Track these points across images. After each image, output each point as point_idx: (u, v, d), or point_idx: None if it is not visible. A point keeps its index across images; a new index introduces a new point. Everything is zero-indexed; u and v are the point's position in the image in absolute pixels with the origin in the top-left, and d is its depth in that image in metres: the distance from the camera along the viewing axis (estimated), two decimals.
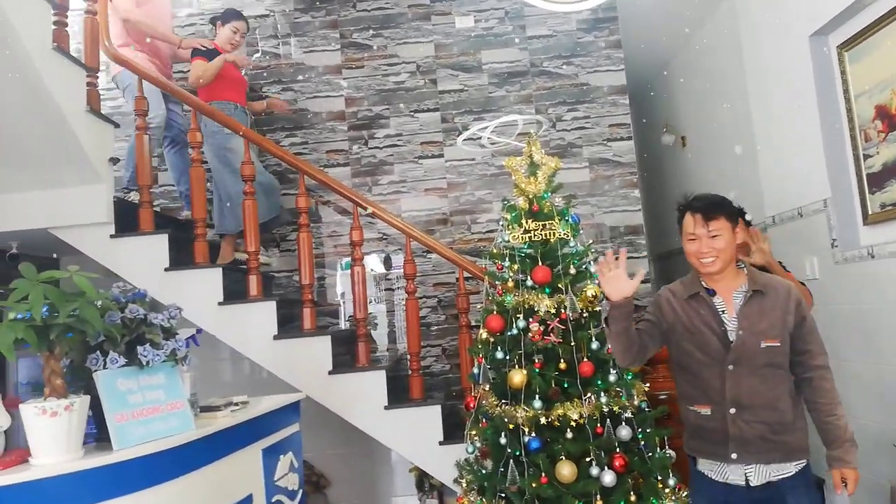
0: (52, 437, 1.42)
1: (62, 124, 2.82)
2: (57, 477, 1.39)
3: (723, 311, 2.08)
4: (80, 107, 2.97)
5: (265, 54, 4.32)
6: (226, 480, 1.87)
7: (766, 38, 3.89)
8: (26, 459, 1.45)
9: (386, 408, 3.08)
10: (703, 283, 2.15)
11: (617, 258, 2.10)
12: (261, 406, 2.16)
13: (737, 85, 4.29)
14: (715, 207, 2.10)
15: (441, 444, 3.07)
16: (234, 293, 3.23)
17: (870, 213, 3.16)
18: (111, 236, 3.14)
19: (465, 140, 4.28)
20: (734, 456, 1.98)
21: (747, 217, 2.82)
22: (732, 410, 2.00)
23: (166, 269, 3.13)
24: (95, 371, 1.54)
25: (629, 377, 2.52)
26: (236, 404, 2.05)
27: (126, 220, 3.20)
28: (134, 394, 1.61)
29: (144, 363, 1.60)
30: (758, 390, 1.99)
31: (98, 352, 1.56)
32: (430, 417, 3.09)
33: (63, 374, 1.49)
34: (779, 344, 2.00)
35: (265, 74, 4.30)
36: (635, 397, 2.48)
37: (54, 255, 3.55)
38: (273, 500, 2.10)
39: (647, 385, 2.61)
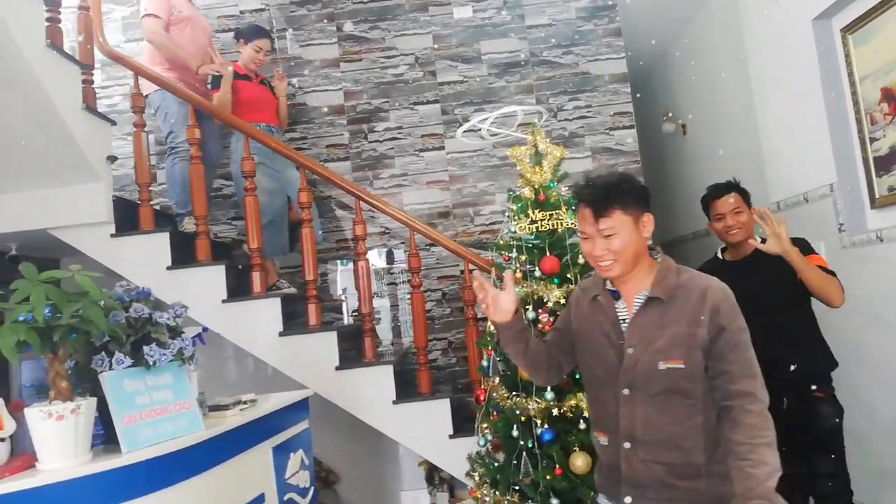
0: (59, 441, 1.38)
1: (58, 122, 2.78)
2: (65, 482, 1.36)
3: (623, 321, 1.66)
4: (76, 104, 2.92)
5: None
6: (237, 480, 1.84)
7: (767, 23, 3.84)
8: (33, 465, 1.41)
9: (394, 402, 3.05)
10: (607, 282, 1.73)
11: (499, 285, 1.64)
12: (269, 404, 2.13)
13: (738, 70, 4.25)
14: (608, 200, 1.60)
15: (451, 437, 3.04)
16: (238, 290, 3.20)
17: (877, 196, 3.13)
18: (111, 235, 3.09)
19: (464, 132, 4.24)
20: (627, 500, 1.60)
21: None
22: (627, 445, 1.60)
23: (168, 268, 3.09)
24: (101, 372, 1.51)
25: None
26: (245, 403, 2.02)
27: (126, 220, 3.16)
28: (141, 395, 1.57)
29: (151, 363, 1.56)
30: (655, 423, 1.57)
31: (103, 352, 1.52)
32: (439, 411, 3.06)
33: (68, 376, 1.45)
34: (682, 366, 1.55)
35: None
36: None
37: (56, 257, 3.52)
38: (285, 498, 2.07)
39: None
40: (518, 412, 2.35)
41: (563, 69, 4.27)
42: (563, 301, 2.41)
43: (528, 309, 2.41)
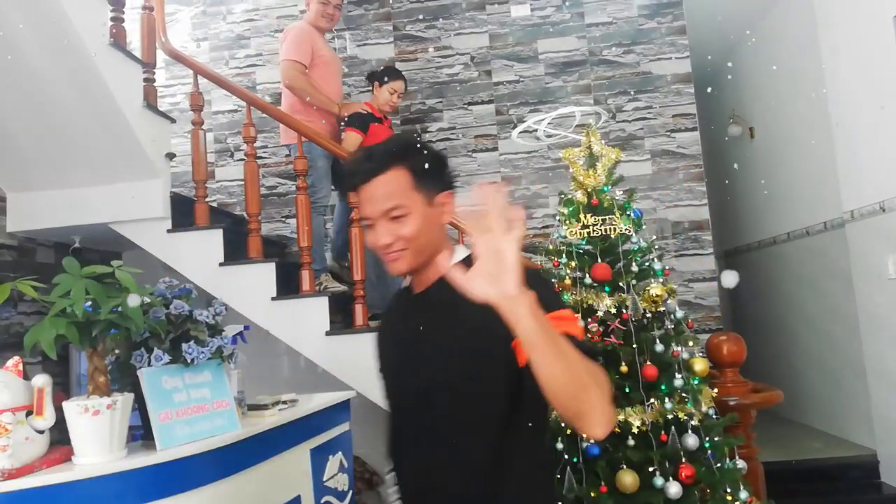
0: (95, 435, 1.39)
1: (119, 120, 2.85)
2: (98, 477, 1.36)
3: None
4: (137, 102, 2.99)
5: None
6: (273, 481, 1.82)
7: (845, 21, 3.62)
8: (70, 458, 1.42)
9: None
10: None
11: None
12: (310, 405, 2.11)
13: (812, 71, 4.03)
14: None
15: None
16: (289, 288, 3.21)
17: None
18: (168, 231, 3.16)
19: (520, 133, 4.16)
20: None
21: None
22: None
23: (221, 264, 3.13)
24: (140, 368, 1.51)
25: (696, 382, 2.36)
26: (285, 403, 2.00)
27: (184, 215, 3.22)
28: (179, 392, 1.57)
29: (189, 361, 1.56)
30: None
31: (143, 349, 1.53)
32: None
33: (107, 371, 1.46)
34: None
35: None
36: (702, 403, 2.32)
37: (118, 251, 3.63)
38: (322, 501, 2.04)
39: (716, 391, 2.44)
40: (563, 425, 2.27)
41: (624, 69, 4.14)
42: (613, 310, 2.32)
43: (576, 318, 2.32)
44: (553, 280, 2.48)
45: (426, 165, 1.26)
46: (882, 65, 3.25)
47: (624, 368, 2.28)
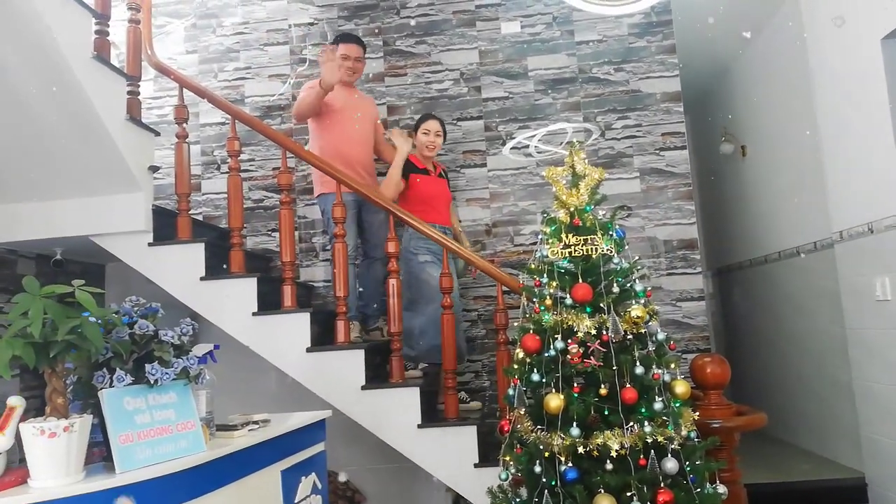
0: (51, 458, 1.36)
1: (101, 132, 2.84)
2: (53, 501, 1.33)
3: None
4: (120, 115, 2.98)
5: (311, 63, 4.29)
6: None
7: (833, 42, 3.63)
8: (26, 481, 1.39)
9: (419, 426, 2.96)
10: None
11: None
12: (283, 425, 2.08)
13: (802, 91, 4.03)
14: None
15: (476, 466, 2.93)
16: (270, 304, 3.18)
17: None
18: (149, 244, 3.13)
19: (511, 149, 4.16)
20: None
21: None
22: None
23: (202, 278, 3.11)
24: (101, 389, 1.48)
25: (677, 405, 2.32)
26: (256, 423, 1.97)
27: (167, 228, 3.20)
28: (142, 413, 1.54)
29: (153, 382, 1.53)
30: None
31: (105, 369, 1.50)
32: (465, 438, 2.95)
33: (66, 393, 1.43)
34: None
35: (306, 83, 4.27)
36: (683, 427, 2.29)
37: (101, 262, 3.60)
38: None
39: (697, 413, 2.41)
40: (542, 447, 2.23)
41: (613, 86, 4.14)
42: (594, 331, 2.29)
43: (556, 338, 2.29)
44: (535, 299, 2.46)
45: None
46: (870, 86, 3.25)
47: (604, 391, 2.24)
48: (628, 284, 2.42)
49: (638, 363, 2.26)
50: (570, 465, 2.17)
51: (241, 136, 3.57)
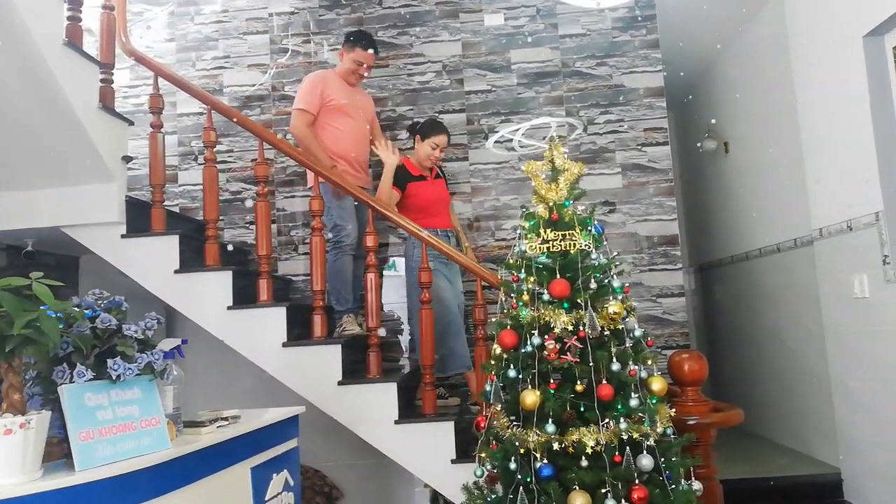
0: (7, 455, 1.31)
1: (73, 121, 2.77)
2: (8, 500, 1.29)
3: None
4: (93, 103, 2.91)
5: (294, 53, 4.23)
6: (207, 502, 1.75)
7: (815, 39, 3.63)
8: None
9: (396, 422, 2.94)
10: None
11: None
12: (254, 422, 2.04)
13: (784, 88, 4.04)
14: None
15: (453, 462, 2.91)
16: (246, 297, 3.14)
17: None
18: (122, 236, 3.07)
19: (494, 143, 4.13)
20: None
21: None
22: None
23: (176, 271, 3.05)
24: (61, 385, 1.44)
25: (654, 401, 2.31)
26: (225, 419, 1.93)
27: (142, 220, 3.14)
28: (104, 409, 1.50)
29: (115, 377, 1.49)
30: None
31: (65, 364, 1.45)
32: (442, 434, 2.93)
33: (23, 388, 1.39)
34: None
35: (286, 73, 4.22)
36: (659, 423, 2.28)
37: (75, 254, 3.53)
38: None
39: (674, 410, 2.40)
40: (517, 443, 2.21)
41: (596, 81, 4.12)
42: (570, 327, 2.27)
43: (533, 334, 2.27)
44: (513, 295, 2.44)
45: None
46: (852, 84, 3.26)
47: (580, 387, 2.22)
48: (606, 280, 2.40)
49: (614, 359, 2.24)
50: (545, 461, 2.15)
51: (219, 126, 3.53)
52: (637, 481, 2.14)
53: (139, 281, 3.03)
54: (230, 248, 3.71)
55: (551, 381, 2.26)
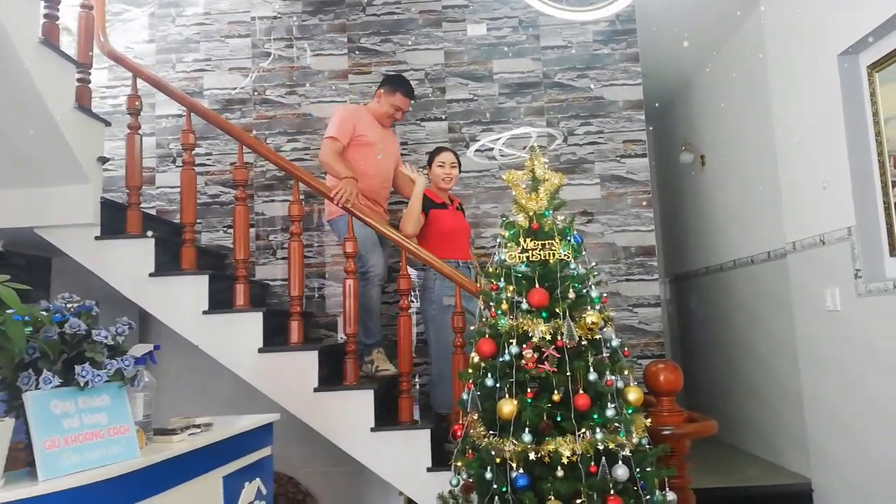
0: None
1: (48, 120, 2.73)
2: None
3: None
4: (69, 103, 2.87)
5: (277, 57, 4.20)
6: None
7: (792, 57, 3.69)
8: None
9: (372, 430, 2.92)
10: None
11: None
12: (226, 429, 2.01)
13: (760, 104, 4.10)
14: None
15: (429, 470, 2.90)
16: (223, 302, 3.10)
17: None
18: (96, 238, 3.02)
19: (475, 152, 4.14)
20: None
21: None
22: None
23: (151, 275, 3.01)
24: (26, 391, 1.40)
25: (630, 412, 2.32)
26: (197, 427, 1.90)
27: (117, 222, 3.09)
28: (70, 417, 1.47)
29: (83, 384, 1.45)
30: None
31: (31, 369, 1.42)
32: (418, 442, 2.92)
33: None
34: None
35: (268, 77, 4.19)
36: (634, 433, 2.29)
37: (48, 255, 3.46)
38: None
39: (649, 420, 2.42)
40: (493, 453, 2.20)
41: (577, 93, 4.15)
42: (548, 337, 2.27)
43: (511, 343, 2.27)
44: (491, 303, 2.44)
45: None
46: (826, 101, 3.32)
47: (557, 397, 2.22)
48: (584, 290, 2.41)
49: (591, 369, 2.25)
50: (521, 471, 2.14)
51: (199, 129, 3.50)
52: (612, 491, 2.14)
53: (113, 284, 2.98)
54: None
55: (529, 390, 2.26)
